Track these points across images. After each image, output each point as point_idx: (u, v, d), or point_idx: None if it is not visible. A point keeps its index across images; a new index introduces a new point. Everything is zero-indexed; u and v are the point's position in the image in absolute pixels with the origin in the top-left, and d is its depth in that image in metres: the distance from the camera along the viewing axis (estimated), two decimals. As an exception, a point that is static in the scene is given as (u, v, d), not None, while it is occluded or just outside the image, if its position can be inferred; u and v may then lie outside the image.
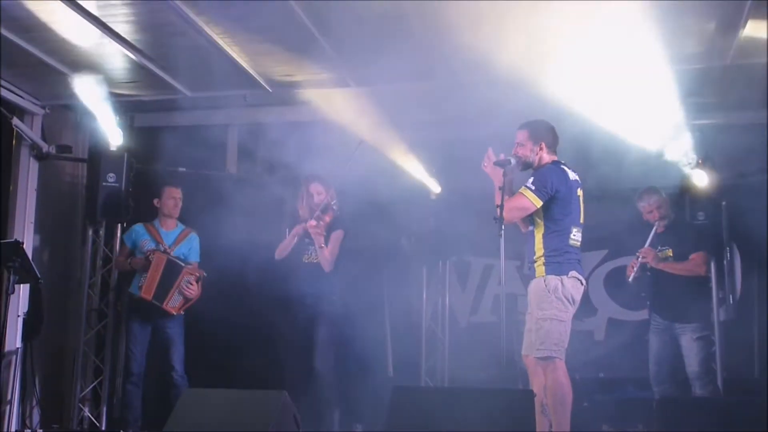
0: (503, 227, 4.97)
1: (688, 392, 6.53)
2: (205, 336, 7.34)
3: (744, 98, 6.45)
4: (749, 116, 6.64)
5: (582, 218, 5.23)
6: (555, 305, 5.01)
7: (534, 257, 5.18)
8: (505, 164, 5.17)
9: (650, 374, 6.69)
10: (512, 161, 5.20)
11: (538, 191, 5.04)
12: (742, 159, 6.95)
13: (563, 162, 5.27)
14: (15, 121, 7.16)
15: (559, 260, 5.08)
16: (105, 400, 7.49)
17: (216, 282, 6.91)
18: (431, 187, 8.01)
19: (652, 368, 6.68)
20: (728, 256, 7.01)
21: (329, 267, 6.33)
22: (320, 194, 6.44)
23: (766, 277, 6.92)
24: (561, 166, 5.20)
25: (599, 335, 7.95)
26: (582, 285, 5.14)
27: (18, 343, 7.09)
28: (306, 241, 6.41)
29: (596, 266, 7.96)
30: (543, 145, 5.24)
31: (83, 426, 7.48)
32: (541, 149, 5.24)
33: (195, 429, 4.68)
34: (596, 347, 7.76)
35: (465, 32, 5.88)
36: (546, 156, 5.25)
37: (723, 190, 6.94)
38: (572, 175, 5.19)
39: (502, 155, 5.20)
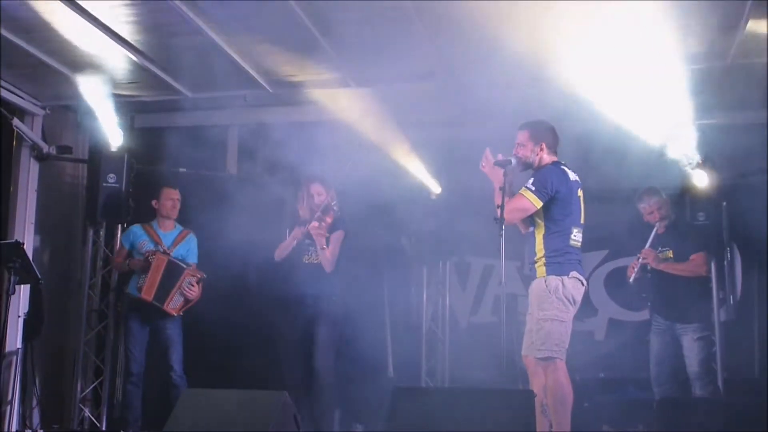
0: (503, 228, 4.97)
1: (689, 393, 6.53)
2: (206, 336, 7.34)
3: (744, 98, 6.43)
4: (750, 116, 6.63)
5: (582, 219, 5.22)
6: (556, 305, 5.00)
7: (535, 258, 5.17)
8: (506, 164, 5.16)
9: (651, 375, 6.69)
10: (513, 161, 5.20)
11: (539, 192, 5.03)
12: (743, 159, 6.95)
13: (563, 162, 5.26)
14: (15, 122, 7.15)
15: (560, 261, 5.07)
16: (105, 401, 7.50)
17: (216, 282, 6.91)
18: (431, 188, 8.00)
19: (653, 369, 6.69)
20: (728, 257, 7.02)
21: (330, 268, 6.33)
22: (320, 195, 6.43)
23: (767, 278, 6.92)
24: (561, 167, 5.19)
25: (600, 336, 7.95)
26: (583, 285, 5.14)
27: (18, 344, 7.09)
28: (306, 242, 6.40)
29: (597, 266, 7.95)
30: (543, 146, 5.23)
31: (84, 426, 7.48)
32: (542, 150, 5.23)
33: (195, 429, 4.67)
34: (597, 348, 7.75)
35: (466, 32, 5.89)
36: (546, 156, 5.24)
37: (723, 191, 6.93)
38: (572, 176, 5.18)
39: (501, 156, 5.19)
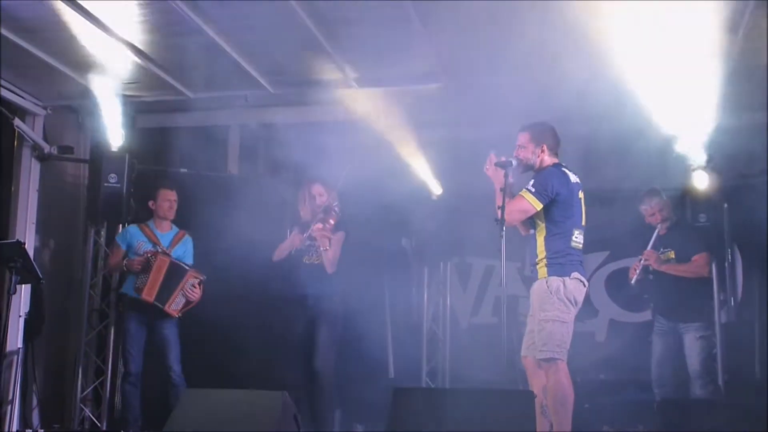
0: (504, 229, 4.97)
1: (689, 394, 6.52)
2: (207, 336, 7.34)
3: (745, 99, 6.42)
4: (750, 117, 6.62)
5: (584, 220, 5.22)
6: (557, 306, 5.00)
7: (536, 259, 5.17)
8: (507, 165, 5.16)
9: (653, 376, 6.68)
10: (513, 163, 5.20)
11: (539, 194, 5.03)
12: (744, 161, 6.94)
13: (564, 164, 5.26)
14: (16, 122, 7.14)
15: (561, 262, 5.07)
16: (106, 401, 7.49)
17: (217, 283, 6.90)
18: (433, 188, 8.00)
19: (655, 370, 6.68)
20: (729, 258, 7.01)
21: (332, 269, 6.32)
22: (322, 196, 6.42)
23: (767, 279, 6.92)
24: (562, 169, 5.19)
25: (600, 337, 7.95)
26: (584, 286, 5.14)
27: (19, 343, 7.07)
28: (307, 243, 6.40)
29: (598, 268, 7.96)
30: (544, 147, 5.23)
31: (84, 426, 7.48)
32: (543, 151, 5.23)
33: (195, 429, 4.67)
34: (597, 349, 7.76)
35: (468, 33, 5.89)
36: (547, 158, 5.24)
37: (724, 192, 6.93)
38: (573, 178, 5.18)
39: (503, 157, 5.19)
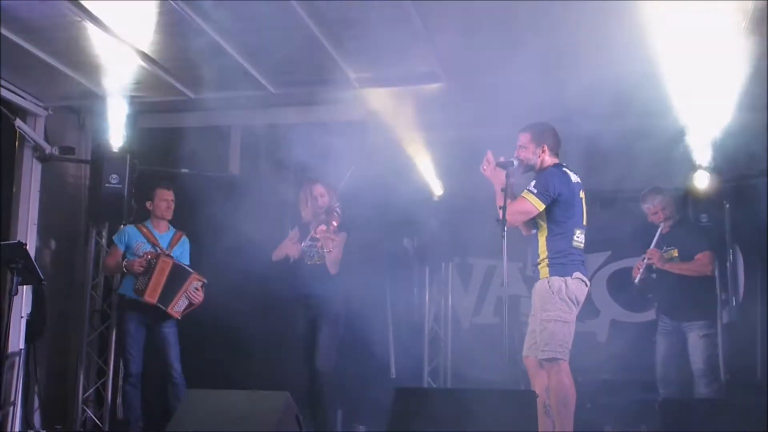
0: (506, 229, 4.97)
1: (694, 393, 6.51)
2: (209, 337, 7.35)
3: (745, 100, 6.42)
4: (750, 118, 6.61)
5: (585, 220, 5.22)
6: (559, 306, 5.00)
7: (538, 259, 5.17)
8: (508, 166, 5.17)
9: (657, 376, 6.64)
10: (515, 163, 5.20)
11: (541, 194, 5.03)
12: (744, 161, 6.93)
13: (565, 164, 5.26)
14: (18, 123, 7.15)
15: (563, 262, 5.07)
16: (108, 402, 7.49)
17: (219, 283, 6.89)
18: (434, 189, 8.00)
19: (660, 370, 6.64)
20: (731, 258, 7.00)
21: (335, 270, 6.32)
22: (323, 196, 6.40)
23: (768, 279, 6.92)
24: (563, 169, 5.19)
25: (602, 337, 7.94)
26: (586, 286, 5.14)
27: (21, 345, 7.09)
28: (309, 244, 6.40)
29: (599, 268, 7.95)
30: (545, 148, 5.22)
31: (86, 427, 7.49)
32: (544, 152, 5.22)
33: (197, 430, 4.68)
34: (599, 349, 7.74)
35: (471, 33, 5.88)
36: (548, 158, 5.23)
37: (725, 193, 6.92)
38: (574, 178, 5.18)
39: (502, 158, 5.19)
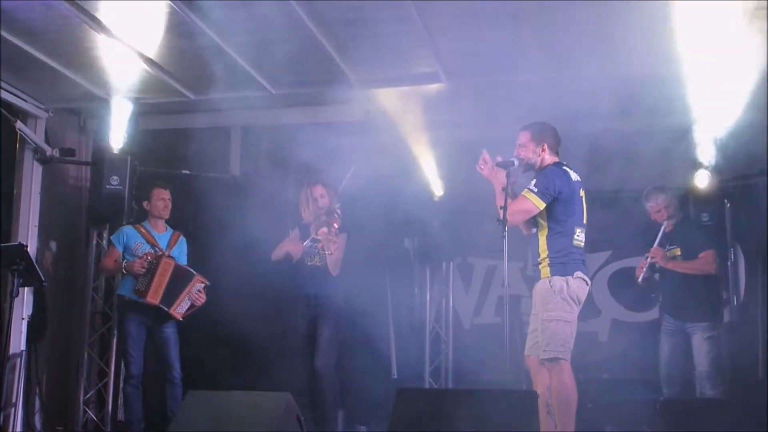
0: (506, 229, 4.98)
1: (698, 393, 6.49)
2: (210, 338, 7.34)
3: (744, 100, 6.42)
4: (751, 118, 6.61)
5: (585, 219, 5.22)
6: (560, 306, 5.00)
7: (538, 259, 5.17)
8: (509, 165, 5.17)
9: (661, 376, 6.61)
10: (515, 163, 5.20)
11: (541, 193, 5.03)
12: (745, 160, 6.93)
13: (565, 163, 5.26)
14: (18, 125, 7.14)
15: (564, 261, 5.07)
16: (109, 403, 7.49)
17: (219, 284, 6.89)
18: (435, 189, 8.00)
19: (663, 370, 6.61)
20: (732, 258, 6.99)
21: (336, 271, 6.32)
22: (323, 197, 6.40)
23: (768, 279, 6.92)
24: (563, 168, 5.18)
25: (603, 337, 7.95)
26: (587, 285, 5.14)
27: (22, 346, 7.08)
28: (309, 245, 6.40)
29: (600, 267, 7.96)
30: (545, 147, 5.23)
31: (87, 428, 7.49)
32: (544, 150, 5.22)
33: (198, 430, 4.68)
34: (600, 349, 7.75)
35: (472, 33, 5.88)
36: (548, 157, 5.23)
37: (725, 192, 6.92)
38: (574, 176, 5.18)
39: (500, 157, 5.19)
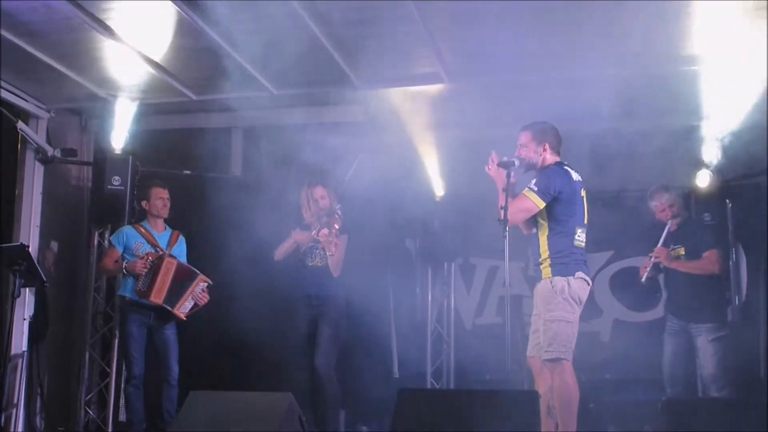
0: (507, 229, 4.97)
1: (704, 394, 6.48)
2: (211, 339, 7.36)
3: (745, 99, 6.42)
4: (751, 117, 6.61)
5: (586, 219, 5.22)
6: (562, 306, 4.99)
7: (540, 259, 5.16)
8: (510, 166, 5.16)
9: (664, 376, 6.58)
10: (516, 163, 5.20)
11: (542, 193, 5.02)
12: (746, 160, 6.93)
13: (566, 163, 5.25)
14: (20, 125, 7.15)
15: (565, 261, 5.06)
16: (111, 403, 7.49)
17: (221, 285, 6.89)
18: (436, 189, 8.00)
19: (667, 370, 6.58)
20: (734, 257, 6.98)
21: (337, 272, 6.32)
22: (324, 198, 6.40)
23: (770, 279, 6.92)
24: (564, 167, 5.18)
25: (605, 337, 7.95)
26: (588, 285, 5.13)
27: (24, 347, 7.09)
28: (310, 245, 6.40)
29: (602, 267, 7.96)
30: (546, 146, 5.22)
31: (89, 429, 7.50)
32: (545, 150, 5.22)
33: (200, 430, 4.68)
34: (602, 348, 7.75)
35: (473, 33, 5.88)
36: (549, 157, 5.22)
37: (727, 192, 6.92)
38: (575, 176, 5.17)
39: (505, 158, 5.19)
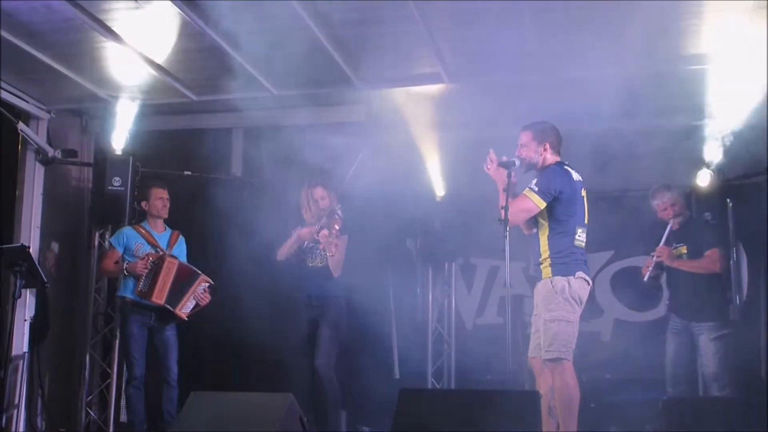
0: (508, 229, 4.97)
1: (704, 394, 6.47)
2: (212, 339, 7.36)
3: (745, 99, 6.42)
4: (751, 117, 6.61)
5: (587, 219, 5.22)
6: (562, 306, 4.99)
7: (540, 259, 5.16)
8: (510, 165, 5.16)
9: (666, 375, 6.56)
10: (517, 163, 5.20)
11: (542, 193, 5.02)
12: (747, 159, 6.92)
13: (567, 162, 5.25)
14: (20, 126, 7.14)
15: (566, 261, 5.06)
16: (112, 404, 7.49)
17: (221, 286, 6.88)
18: (437, 189, 8.00)
19: (669, 370, 6.57)
20: (734, 257, 6.97)
21: (338, 273, 6.32)
22: (324, 199, 6.41)
23: (771, 278, 6.91)
24: (565, 167, 5.18)
25: (606, 336, 7.94)
26: (589, 285, 5.13)
27: (25, 348, 7.09)
28: (310, 245, 6.40)
29: (602, 267, 7.95)
30: (547, 146, 5.22)
31: (90, 429, 7.50)
32: (545, 150, 5.22)
33: (201, 431, 4.68)
34: (603, 348, 7.75)
35: (474, 33, 5.88)
36: (550, 156, 5.23)
37: (728, 191, 6.91)
38: (576, 176, 5.17)
39: (505, 157, 5.19)
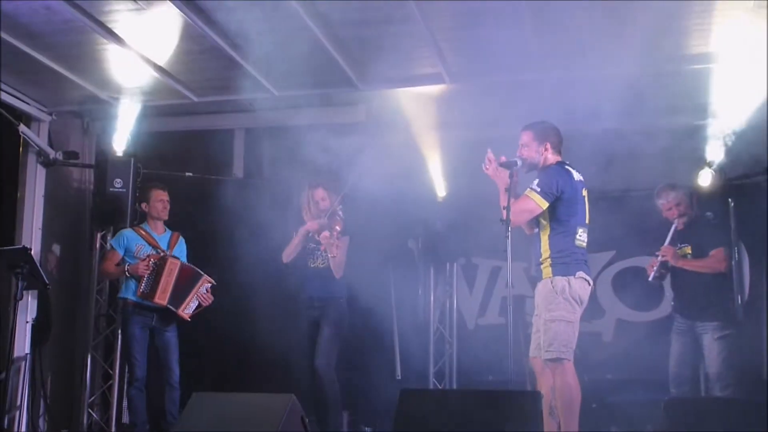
0: (510, 229, 4.97)
1: (707, 394, 6.46)
2: (214, 340, 7.36)
3: (745, 99, 6.42)
4: (751, 117, 6.60)
5: (587, 219, 5.22)
6: (563, 306, 4.99)
7: (541, 259, 5.17)
8: (512, 165, 5.17)
9: (670, 375, 6.55)
10: (518, 163, 5.20)
11: (544, 193, 5.02)
12: (748, 158, 6.92)
13: (567, 162, 5.25)
14: (22, 128, 7.15)
15: (566, 261, 5.06)
16: (114, 405, 7.49)
17: (223, 286, 6.89)
18: (438, 189, 8.00)
19: (673, 370, 6.55)
20: (736, 256, 6.97)
21: (339, 274, 6.33)
22: (324, 200, 6.41)
23: (772, 278, 6.90)
24: (566, 167, 5.18)
25: (607, 337, 7.93)
26: (589, 285, 5.13)
27: (27, 349, 7.09)
28: (311, 246, 6.40)
29: (604, 267, 7.93)
30: (548, 146, 5.22)
31: (92, 431, 7.50)
32: (546, 150, 5.22)
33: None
34: (605, 348, 7.74)
35: (475, 33, 5.88)
36: (551, 156, 5.23)
37: (730, 190, 6.91)
38: (577, 176, 5.17)
39: (504, 157, 5.19)
